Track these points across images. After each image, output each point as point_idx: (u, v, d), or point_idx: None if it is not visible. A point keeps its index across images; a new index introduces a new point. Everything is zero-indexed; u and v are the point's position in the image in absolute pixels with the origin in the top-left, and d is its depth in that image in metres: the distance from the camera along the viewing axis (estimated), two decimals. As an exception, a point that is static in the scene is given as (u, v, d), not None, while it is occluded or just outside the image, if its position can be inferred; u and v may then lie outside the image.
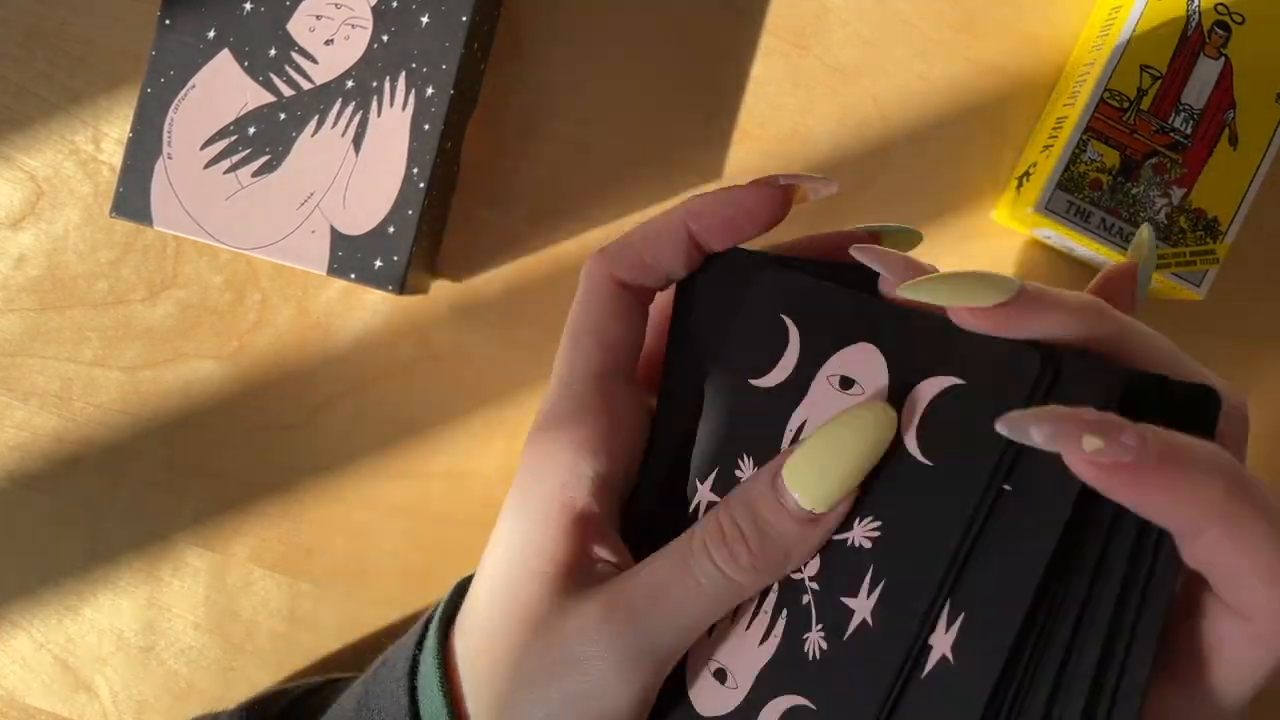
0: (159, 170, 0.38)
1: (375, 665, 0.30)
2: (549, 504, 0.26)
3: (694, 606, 0.24)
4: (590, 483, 0.26)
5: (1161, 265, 0.40)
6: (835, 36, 0.43)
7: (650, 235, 0.27)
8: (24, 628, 0.43)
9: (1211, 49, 0.39)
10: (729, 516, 0.24)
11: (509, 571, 0.26)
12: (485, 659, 0.25)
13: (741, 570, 0.24)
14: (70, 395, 0.43)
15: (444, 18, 0.38)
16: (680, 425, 0.28)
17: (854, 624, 0.24)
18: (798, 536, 0.23)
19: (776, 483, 0.23)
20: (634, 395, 0.28)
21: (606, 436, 0.26)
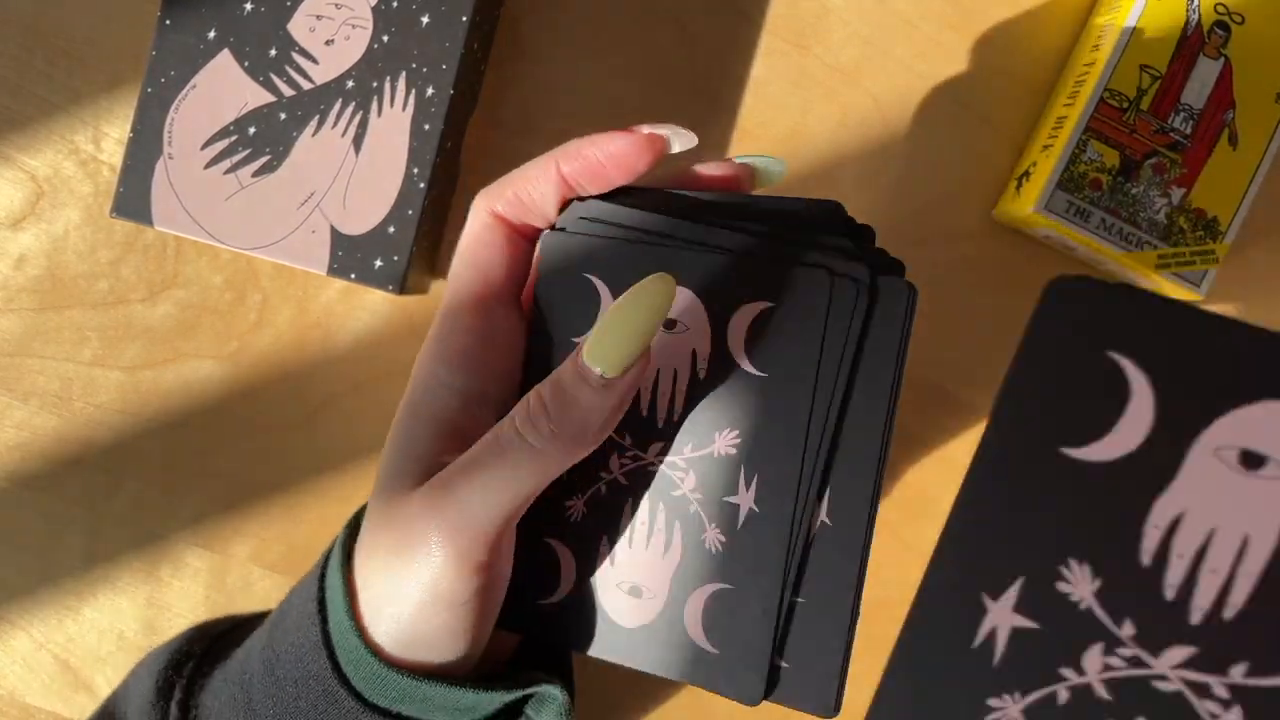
0: (159, 170, 0.38)
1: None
2: (414, 411, 0.29)
3: (501, 475, 0.26)
4: (452, 392, 0.28)
5: (1161, 265, 0.40)
6: (835, 36, 0.43)
7: (525, 174, 0.30)
8: (24, 628, 0.43)
9: (1211, 49, 0.39)
10: (537, 394, 0.27)
11: (382, 473, 0.28)
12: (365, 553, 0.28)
13: (543, 438, 0.26)
14: (70, 395, 0.43)
15: (444, 18, 0.38)
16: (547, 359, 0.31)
17: (743, 515, 0.28)
18: (594, 403, 0.26)
19: (577, 359, 0.26)
20: (510, 319, 0.30)
21: (473, 352, 0.29)
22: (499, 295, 0.30)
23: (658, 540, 0.29)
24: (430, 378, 0.29)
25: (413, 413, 0.29)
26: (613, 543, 0.30)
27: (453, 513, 0.26)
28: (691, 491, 0.29)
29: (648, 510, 0.30)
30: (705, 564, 0.29)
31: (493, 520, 0.26)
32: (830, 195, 0.43)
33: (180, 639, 0.35)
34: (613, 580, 0.30)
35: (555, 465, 0.27)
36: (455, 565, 0.26)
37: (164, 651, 0.34)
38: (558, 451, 0.26)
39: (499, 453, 0.26)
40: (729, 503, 0.29)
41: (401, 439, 0.29)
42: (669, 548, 0.29)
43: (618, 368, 0.26)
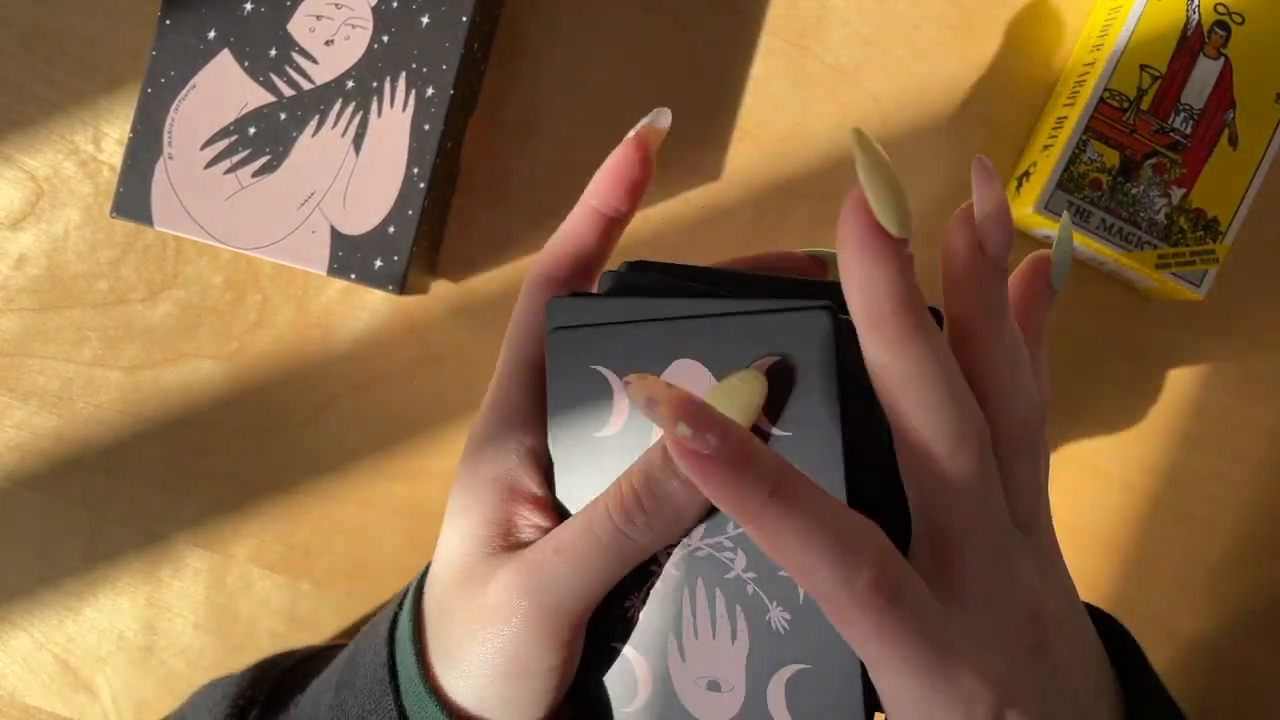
0: (159, 170, 0.38)
1: (366, 627, 0.33)
2: (483, 477, 0.29)
3: (595, 561, 0.27)
4: (519, 457, 0.29)
5: (1161, 265, 0.40)
6: (835, 36, 0.43)
7: (566, 228, 0.31)
8: (24, 628, 0.43)
9: (1211, 49, 0.39)
10: (629, 482, 0.27)
11: (454, 536, 0.29)
12: (438, 612, 0.29)
13: (636, 528, 0.26)
14: (70, 395, 0.43)
15: (444, 18, 0.38)
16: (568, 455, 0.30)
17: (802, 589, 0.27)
18: (687, 497, 0.26)
19: (666, 452, 0.27)
20: None
21: (530, 417, 0.30)
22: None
23: (723, 628, 0.28)
24: (487, 441, 0.30)
25: (476, 475, 0.29)
26: (680, 638, 0.29)
27: (547, 594, 0.27)
28: (744, 572, 0.28)
29: (705, 598, 0.28)
30: (776, 646, 0.27)
31: (581, 601, 0.27)
32: (830, 195, 0.43)
33: (242, 680, 0.36)
34: (689, 677, 0.29)
35: (647, 551, 0.27)
36: (541, 640, 0.27)
37: (224, 694, 0.35)
38: (651, 541, 0.27)
39: (593, 540, 0.27)
40: (784, 577, 0.27)
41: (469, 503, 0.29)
42: (736, 635, 0.28)
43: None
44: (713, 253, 0.43)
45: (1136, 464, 0.44)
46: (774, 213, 0.43)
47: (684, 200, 0.43)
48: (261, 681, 0.36)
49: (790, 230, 0.43)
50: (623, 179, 0.31)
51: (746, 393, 0.26)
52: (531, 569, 0.27)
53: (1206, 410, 0.44)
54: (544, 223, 0.43)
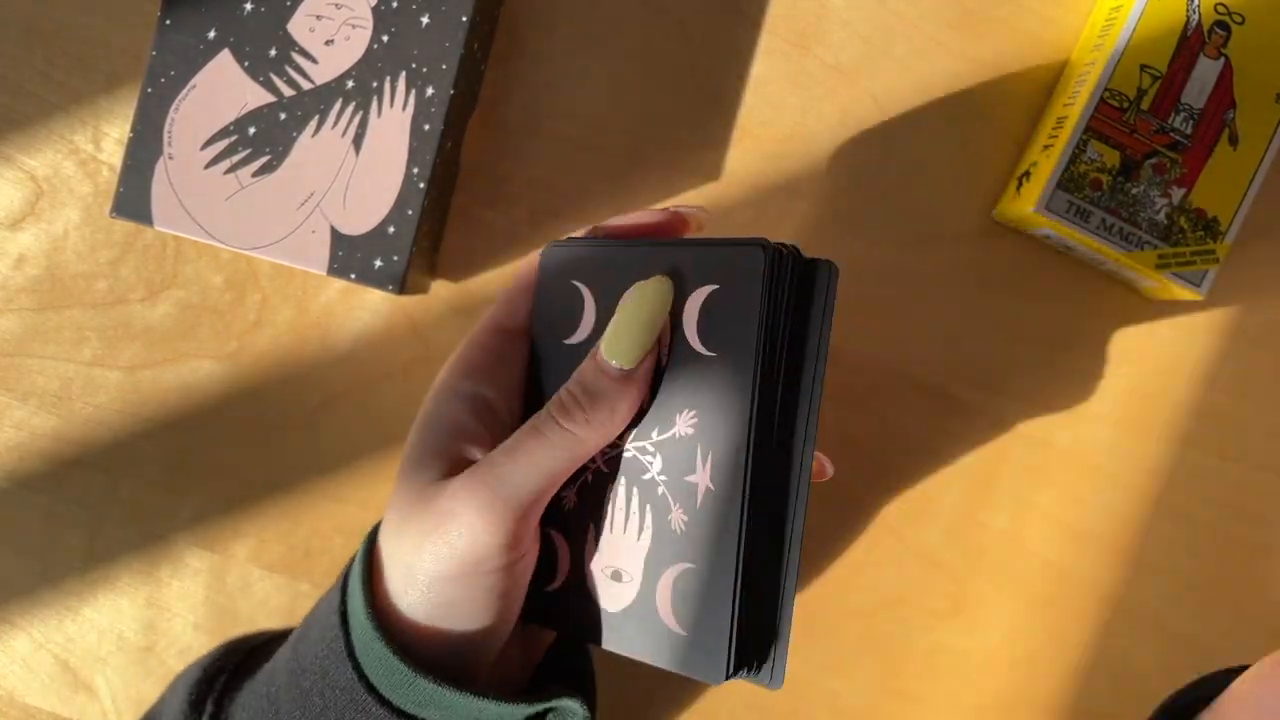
0: (159, 170, 0.38)
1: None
2: (434, 416, 0.32)
3: (543, 456, 0.29)
4: (466, 399, 0.32)
5: (1161, 265, 0.40)
6: (835, 36, 0.43)
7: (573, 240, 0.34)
8: (24, 628, 0.43)
9: (1211, 49, 0.39)
10: (568, 389, 0.30)
11: (405, 470, 0.31)
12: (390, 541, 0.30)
13: (578, 424, 0.30)
14: (70, 395, 0.43)
15: (444, 18, 0.38)
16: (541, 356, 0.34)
17: (700, 493, 0.30)
18: (617, 391, 0.30)
19: (597, 355, 0.30)
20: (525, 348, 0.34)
21: (488, 367, 0.33)
22: (519, 326, 0.34)
23: (633, 524, 0.31)
24: (447, 388, 0.32)
25: (433, 416, 0.32)
26: (598, 529, 0.32)
27: (494, 483, 0.29)
28: (659, 474, 0.31)
29: (624, 495, 0.31)
30: (672, 545, 0.30)
31: (529, 493, 0.29)
32: (830, 194, 0.43)
33: (213, 654, 0.37)
34: (599, 565, 0.32)
35: (587, 448, 0.30)
36: (490, 533, 0.29)
37: (197, 667, 0.36)
38: (590, 435, 0.30)
39: (538, 437, 0.30)
40: (689, 482, 0.30)
41: (425, 437, 0.31)
42: (642, 530, 0.31)
43: (631, 360, 0.30)
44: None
45: (1136, 464, 0.44)
46: (774, 213, 0.43)
47: (684, 200, 0.43)
48: (231, 653, 0.37)
49: (789, 231, 0.43)
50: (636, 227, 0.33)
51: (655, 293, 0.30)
52: (482, 469, 0.29)
53: (1206, 410, 0.44)
54: (544, 223, 0.43)
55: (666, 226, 0.33)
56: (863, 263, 0.43)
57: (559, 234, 0.43)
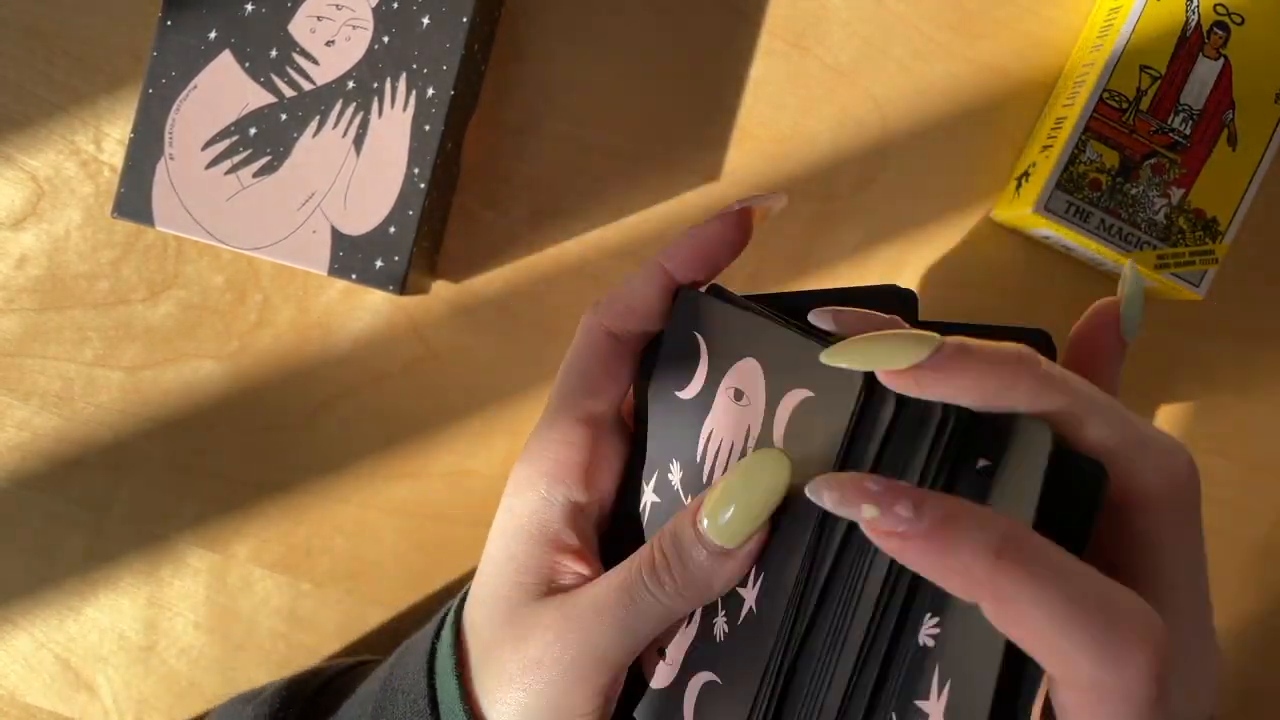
0: (160, 170, 0.38)
1: (399, 650, 0.34)
2: (524, 526, 0.30)
3: (631, 623, 0.27)
4: (561, 508, 0.30)
5: (1161, 265, 0.40)
6: (835, 36, 0.43)
7: (631, 284, 0.31)
8: (25, 627, 0.43)
9: (1211, 49, 0.39)
10: (660, 547, 0.27)
11: (494, 580, 0.30)
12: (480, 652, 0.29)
13: (669, 596, 0.27)
14: (71, 395, 0.43)
15: (444, 19, 0.38)
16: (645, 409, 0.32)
17: (744, 611, 0.27)
18: (715, 568, 0.26)
19: (696, 522, 0.26)
20: (614, 431, 0.32)
21: (578, 468, 0.30)
22: (606, 411, 0.31)
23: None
24: (531, 491, 0.30)
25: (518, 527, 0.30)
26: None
27: (587, 649, 0.27)
28: None
29: None
30: (709, 650, 0.28)
31: (620, 655, 0.28)
32: (830, 195, 0.43)
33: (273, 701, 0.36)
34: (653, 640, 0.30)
35: (679, 615, 0.28)
36: (581, 690, 0.28)
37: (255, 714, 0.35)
38: (682, 605, 0.27)
39: (628, 603, 0.27)
40: (739, 594, 0.27)
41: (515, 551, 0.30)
42: (690, 621, 0.29)
43: (733, 541, 0.26)
44: (713, 253, 0.43)
45: (1136, 464, 0.44)
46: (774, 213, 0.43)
47: (683, 201, 0.43)
48: (291, 702, 0.36)
49: (790, 231, 0.43)
50: (709, 258, 0.30)
51: (770, 473, 0.25)
52: (572, 626, 0.28)
53: (1206, 410, 0.44)
54: (544, 223, 0.43)
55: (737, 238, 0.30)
56: (862, 263, 0.43)
57: (559, 234, 0.43)
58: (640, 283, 0.31)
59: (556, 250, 0.43)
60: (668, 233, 0.43)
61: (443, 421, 0.43)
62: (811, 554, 0.25)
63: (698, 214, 0.43)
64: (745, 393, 0.28)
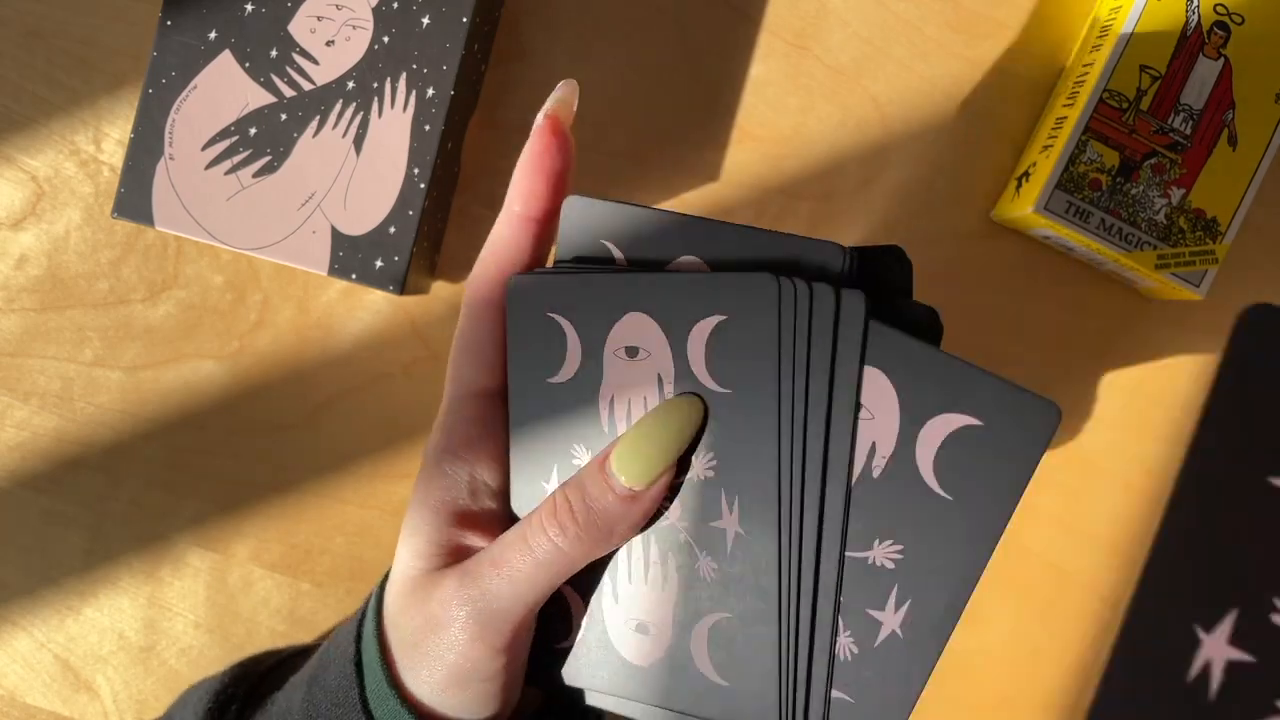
0: (160, 171, 0.38)
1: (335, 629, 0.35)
2: (432, 502, 0.30)
3: (529, 572, 0.27)
4: (468, 487, 0.30)
5: (1161, 265, 0.40)
6: (835, 36, 0.43)
7: (494, 240, 0.31)
8: (25, 627, 0.43)
9: (1211, 49, 0.39)
10: (563, 495, 0.28)
11: (404, 554, 0.30)
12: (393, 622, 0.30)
13: (569, 541, 0.27)
14: (71, 395, 0.43)
15: (445, 19, 0.38)
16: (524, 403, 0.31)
17: (730, 539, 0.27)
18: (621, 512, 0.27)
19: (604, 467, 0.27)
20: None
21: (475, 443, 0.30)
22: (496, 384, 0.31)
23: (655, 574, 0.29)
24: (436, 468, 0.30)
25: (425, 501, 0.30)
26: (614, 580, 0.30)
27: (483, 603, 0.28)
28: (678, 520, 0.29)
29: (640, 544, 0.29)
30: (702, 594, 0.28)
31: (518, 610, 0.28)
32: (830, 195, 0.43)
33: (223, 677, 0.36)
34: (620, 618, 0.30)
35: (580, 562, 0.28)
36: (482, 648, 0.28)
37: (205, 692, 0.36)
38: (583, 553, 0.28)
39: (526, 551, 0.28)
40: (715, 528, 0.28)
41: (417, 525, 0.30)
42: (666, 580, 0.29)
43: (643, 480, 0.27)
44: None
45: (1136, 464, 0.44)
46: (774, 213, 0.43)
47: (683, 201, 0.43)
48: (242, 679, 0.36)
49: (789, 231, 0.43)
50: (542, 173, 0.30)
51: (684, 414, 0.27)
52: (470, 581, 0.28)
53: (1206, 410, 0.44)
54: (544, 223, 0.43)
55: (553, 142, 0.30)
56: (863, 263, 0.43)
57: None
58: (499, 237, 0.31)
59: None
60: (668, 233, 0.43)
61: (443, 421, 0.43)
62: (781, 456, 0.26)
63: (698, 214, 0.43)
64: (639, 347, 0.28)
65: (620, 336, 0.28)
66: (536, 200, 0.30)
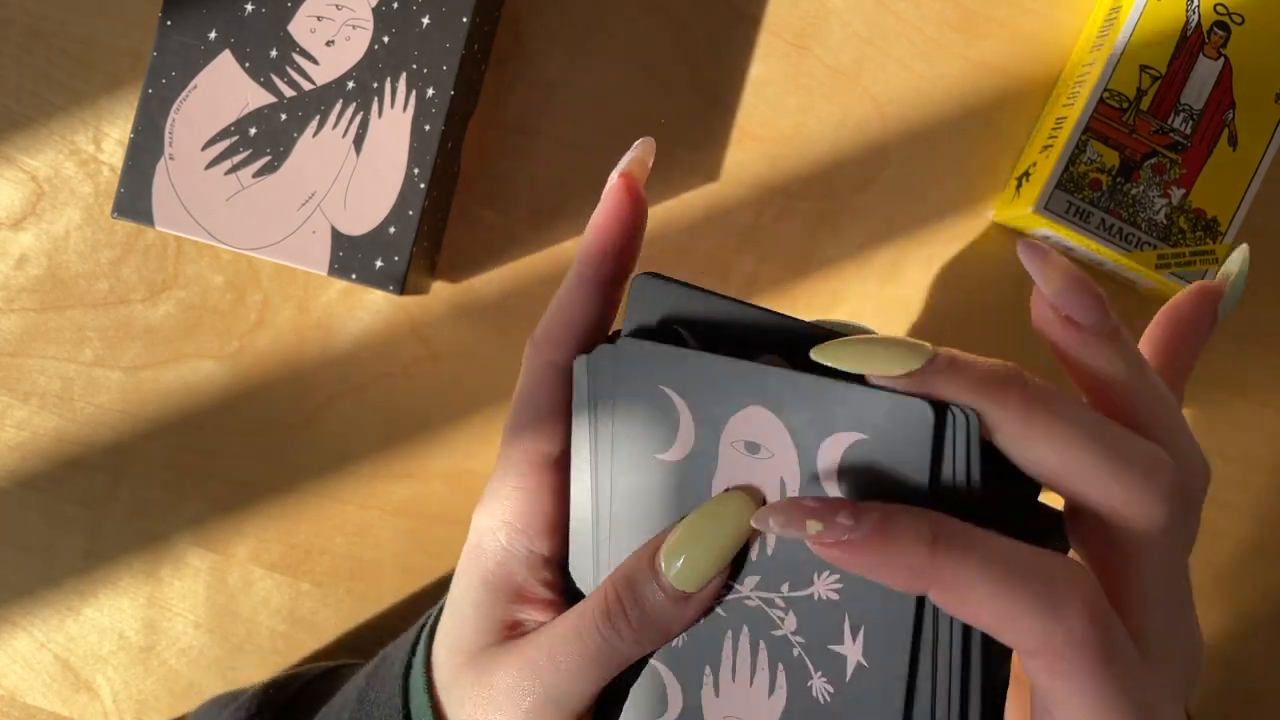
0: (160, 171, 0.38)
1: (376, 661, 0.33)
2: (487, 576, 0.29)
3: (585, 668, 0.27)
4: (523, 560, 0.29)
5: (1161, 265, 0.40)
6: (835, 36, 0.43)
7: (561, 302, 0.29)
8: (25, 627, 0.43)
9: (1211, 49, 0.39)
10: (614, 590, 0.27)
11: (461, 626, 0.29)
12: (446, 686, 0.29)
13: (625, 642, 0.27)
14: (71, 395, 0.43)
15: (444, 19, 0.38)
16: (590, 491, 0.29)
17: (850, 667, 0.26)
18: (673, 613, 0.26)
19: (654, 564, 0.26)
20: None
21: (537, 517, 0.29)
22: (557, 450, 0.29)
23: (761, 679, 0.28)
24: (492, 541, 0.29)
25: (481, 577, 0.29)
26: (716, 673, 0.28)
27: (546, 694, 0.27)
28: (794, 634, 0.27)
29: (748, 646, 0.28)
30: (814, 712, 0.27)
31: (576, 706, 0.27)
32: (830, 195, 0.43)
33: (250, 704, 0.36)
34: (720, 713, 0.29)
35: (631, 659, 0.27)
36: None
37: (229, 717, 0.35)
38: (635, 651, 0.27)
39: (581, 647, 0.27)
40: (835, 652, 0.26)
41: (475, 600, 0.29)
42: (774, 689, 0.27)
43: (694, 584, 0.26)
44: (712, 253, 0.43)
45: (1136, 464, 0.44)
46: (773, 213, 0.43)
47: (683, 201, 0.43)
48: (267, 706, 0.36)
49: (789, 231, 0.43)
50: (614, 235, 0.29)
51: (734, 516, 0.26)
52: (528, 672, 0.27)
53: (1206, 410, 0.44)
54: (544, 223, 0.43)
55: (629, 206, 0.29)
56: (862, 263, 0.43)
57: (559, 234, 0.43)
58: (568, 298, 0.29)
59: (556, 250, 0.43)
60: (668, 234, 0.43)
61: (443, 421, 0.43)
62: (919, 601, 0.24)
63: (698, 214, 0.43)
64: (761, 445, 0.26)
65: (739, 429, 0.27)
66: (607, 263, 0.29)
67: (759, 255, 0.43)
